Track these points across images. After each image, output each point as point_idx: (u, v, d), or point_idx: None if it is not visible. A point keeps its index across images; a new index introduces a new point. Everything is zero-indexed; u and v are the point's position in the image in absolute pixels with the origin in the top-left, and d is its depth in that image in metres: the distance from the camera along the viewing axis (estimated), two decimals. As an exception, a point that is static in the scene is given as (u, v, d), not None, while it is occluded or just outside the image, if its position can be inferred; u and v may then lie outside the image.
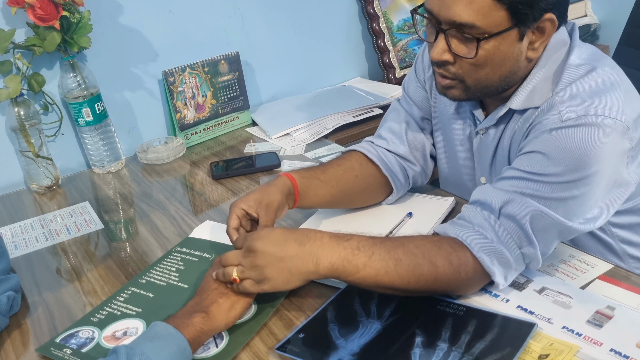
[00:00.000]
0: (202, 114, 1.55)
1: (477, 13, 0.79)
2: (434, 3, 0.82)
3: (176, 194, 1.30)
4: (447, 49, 0.84)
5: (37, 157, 1.33)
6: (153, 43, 1.50)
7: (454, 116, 1.04)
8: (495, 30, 0.80)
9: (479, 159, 1.01)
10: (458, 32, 0.82)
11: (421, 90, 1.10)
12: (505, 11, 0.79)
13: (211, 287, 0.82)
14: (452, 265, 0.79)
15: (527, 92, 0.88)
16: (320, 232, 0.81)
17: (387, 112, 1.15)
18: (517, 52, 0.84)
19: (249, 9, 1.62)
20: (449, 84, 0.88)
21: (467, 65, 0.84)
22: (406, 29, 1.85)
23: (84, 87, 1.36)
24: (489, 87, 0.88)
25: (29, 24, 1.28)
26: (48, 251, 1.12)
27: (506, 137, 0.94)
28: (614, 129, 0.80)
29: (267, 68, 1.71)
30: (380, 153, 1.07)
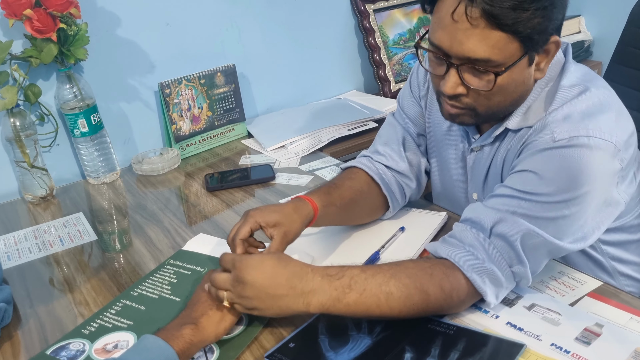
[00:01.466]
0: (197, 125, 1.56)
1: (493, 48, 0.79)
2: (443, 39, 0.81)
3: (170, 206, 1.30)
4: (460, 83, 0.84)
5: (32, 167, 1.34)
6: (150, 55, 1.51)
7: (447, 133, 1.05)
8: (510, 62, 0.81)
9: (472, 176, 1.02)
10: (471, 66, 0.82)
11: (416, 106, 1.10)
12: (517, 42, 0.79)
13: (201, 299, 0.82)
14: (444, 291, 0.79)
15: (523, 112, 0.90)
16: (312, 270, 0.79)
17: (383, 127, 1.15)
18: (527, 76, 0.85)
19: (246, 21, 1.63)
20: (458, 113, 0.89)
21: (480, 96, 0.85)
22: (402, 43, 1.87)
23: (80, 98, 1.37)
24: (499, 112, 0.89)
25: (26, 36, 1.29)
26: (41, 262, 1.12)
27: (500, 154, 0.95)
28: (605, 150, 0.81)
29: (263, 80, 1.72)
30: (380, 171, 1.07)
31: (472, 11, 0.77)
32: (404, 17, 1.88)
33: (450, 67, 0.83)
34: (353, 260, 0.96)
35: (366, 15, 1.80)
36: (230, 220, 1.20)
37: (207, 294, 0.82)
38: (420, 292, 0.78)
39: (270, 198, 1.27)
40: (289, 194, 1.27)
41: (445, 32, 0.81)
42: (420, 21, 1.90)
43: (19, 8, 1.21)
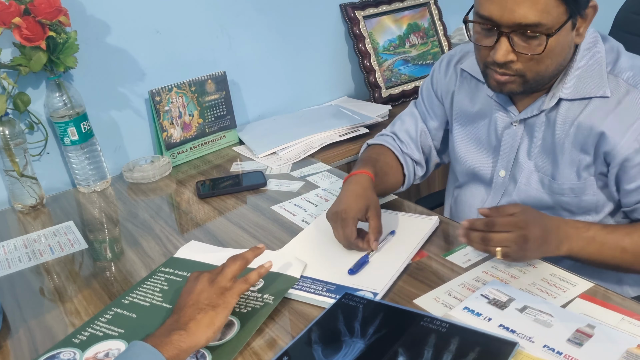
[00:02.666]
0: (188, 133, 1.56)
1: (542, 12, 0.85)
2: (493, 9, 0.87)
3: (162, 213, 1.30)
4: (511, 50, 0.90)
5: (22, 176, 1.33)
6: (140, 63, 1.51)
7: (477, 115, 1.11)
8: (558, 25, 0.87)
9: (504, 152, 1.07)
10: (521, 32, 0.87)
11: (437, 101, 1.20)
12: (564, 5, 0.86)
13: (188, 303, 0.81)
14: None
15: (573, 82, 0.96)
16: (565, 222, 0.94)
17: (405, 114, 1.25)
18: (570, 40, 0.92)
19: (236, 29, 1.63)
20: (508, 79, 0.94)
21: (530, 60, 0.90)
22: (392, 49, 1.88)
23: (69, 106, 1.36)
24: (545, 77, 0.95)
25: (15, 44, 1.29)
26: (31, 271, 1.11)
27: (559, 125, 0.99)
28: None
29: (254, 87, 1.72)
30: (403, 153, 1.21)
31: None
32: (394, 23, 1.89)
33: (500, 36, 0.88)
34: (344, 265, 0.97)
35: (356, 21, 1.81)
36: (222, 227, 1.19)
37: (192, 297, 0.81)
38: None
39: (262, 204, 1.27)
40: (280, 200, 1.27)
41: (494, 2, 0.87)
42: (409, 27, 1.91)
43: (7, 16, 1.21)
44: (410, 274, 0.95)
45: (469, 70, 1.11)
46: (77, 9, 1.37)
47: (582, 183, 0.99)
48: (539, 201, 1.05)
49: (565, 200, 1.02)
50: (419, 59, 1.92)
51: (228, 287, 0.83)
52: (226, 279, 0.84)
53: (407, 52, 1.90)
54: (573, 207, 1.02)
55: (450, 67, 1.17)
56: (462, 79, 1.14)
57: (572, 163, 0.99)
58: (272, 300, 0.90)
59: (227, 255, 1.03)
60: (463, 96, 1.14)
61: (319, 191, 1.29)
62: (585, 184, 0.99)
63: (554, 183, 1.02)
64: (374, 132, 1.60)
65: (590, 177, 0.99)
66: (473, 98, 1.12)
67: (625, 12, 1.33)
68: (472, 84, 1.12)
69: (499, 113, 1.07)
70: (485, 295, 0.87)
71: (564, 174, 1.00)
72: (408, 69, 1.90)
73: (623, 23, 1.32)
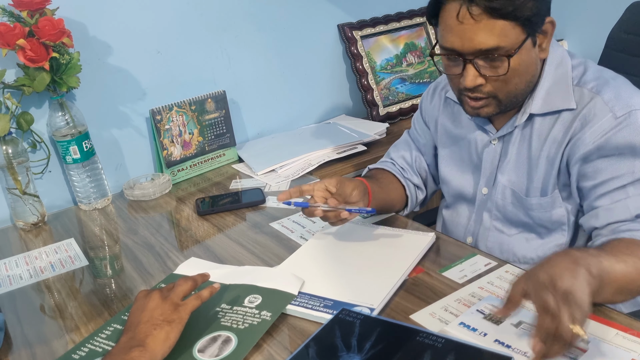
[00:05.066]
0: (188, 151, 1.58)
1: (499, 36, 0.90)
2: (454, 40, 0.92)
3: (162, 231, 1.31)
4: (478, 74, 0.94)
5: (24, 194, 1.34)
6: (141, 82, 1.53)
7: (459, 136, 1.14)
8: (517, 45, 0.91)
9: (485, 170, 1.10)
10: (484, 57, 0.92)
11: (425, 128, 1.24)
12: (519, 27, 0.90)
13: (142, 320, 0.82)
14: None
15: (543, 96, 0.99)
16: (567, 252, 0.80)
17: (400, 142, 1.30)
18: (534, 57, 0.96)
19: (236, 48, 1.66)
20: (483, 104, 0.98)
21: (498, 82, 0.95)
22: (389, 68, 1.90)
23: (72, 125, 1.39)
24: (517, 95, 0.98)
25: (19, 65, 1.31)
26: (32, 288, 1.12)
27: (535, 140, 1.02)
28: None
29: (253, 106, 1.74)
30: (404, 177, 1.24)
31: (473, 9, 0.89)
32: (391, 43, 1.92)
33: (466, 63, 0.93)
34: (342, 281, 0.98)
35: (354, 41, 1.84)
36: (222, 243, 1.21)
37: (145, 314, 0.82)
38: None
39: (260, 221, 1.28)
40: (279, 217, 1.28)
41: (454, 34, 0.92)
42: (406, 47, 1.94)
43: (12, 38, 1.24)
44: (406, 290, 0.97)
45: (453, 97, 1.15)
46: (80, 30, 1.40)
47: (550, 198, 1.03)
48: (514, 216, 1.09)
49: (537, 215, 1.05)
50: (415, 77, 1.95)
51: (181, 304, 0.85)
52: (178, 296, 0.86)
53: (404, 71, 1.93)
54: (546, 222, 1.05)
55: (435, 94, 1.22)
56: (446, 104, 1.19)
57: (545, 177, 1.02)
58: (270, 317, 0.91)
59: (226, 272, 1.05)
60: (446, 119, 1.18)
61: (317, 208, 1.31)
62: (552, 198, 1.02)
63: (524, 199, 1.05)
64: (371, 150, 1.63)
65: (555, 190, 1.02)
66: (455, 121, 1.16)
67: (617, 32, 1.36)
68: (455, 108, 1.16)
69: (478, 132, 1.11)
70: (481, 310, 0.88)
71: (536, 189, 1.04)
72: (405, 87, 1.93)
73: (616, 42, 1.35)
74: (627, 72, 1.30)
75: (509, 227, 1.11)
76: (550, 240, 1.07)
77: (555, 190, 1.02)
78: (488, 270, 0.99)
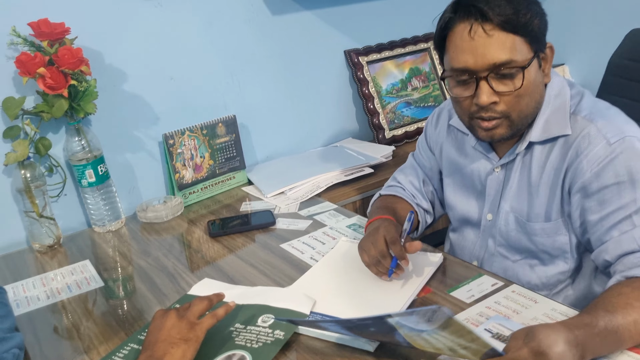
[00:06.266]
0: (200, 174, 1.62)
1: (511, 50, 0.93)
2: (467, 58, 0.94)
3: (174, 252, 1.34)
4: (492, 92, 0.96)
5: (41, 217, 1.38)
6: (154, 108, 1.58)
7: (463, 164, 1.17)
8: (528, 60, 0.95)
9: (489, 197, 1.13)
10: (497, 73, 0.94)
11: (430, 153, 1.27)
12: (527, 44, 0.94)
13: (160, 338, 0.85)
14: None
15: (542, 125, 1.02)
16: (577, 328, 0.78)
17: (407, 167, 1.33)
18: (540, 78, 1.00)
19: (246, 75, 1.71)
20: (496, 124, 0.99)
21: (511, 99, 0.97)
22: (394, 92, 1.95)
23: (87, 150, 1.43)
24: (528, 116, 1.00)
25: (38, 92, 1.36)
26: (49, 309, 1.15)
27: (535, 167, 1.04)
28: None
29: (263, 130, 1.79)
30: (414, 202, 1.27)
31: (485, 25, 0.92)
32: (396, 68, 1.97)
33: (479, 81, 0.95)
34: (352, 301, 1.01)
35: (360, 67, 1.89)
36: (233, 264, 1.23)
37: (162, 332, 0.85)
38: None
39: (271, 243, 1.31)
40: (289, 238, 1.31)
41: (466, 53, 0.94)
42: (411, 71, 1.99)
43: (33, 67, 1.28)
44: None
45: (456, 125, 1.18)
46: (96, 57, 1.45)
47: (554, 223, 1.04)
48: (518, 242, 1.10)
49: (540, 240, 1.07)
50: (420, 101, 1.99)
51: (197, 322, 0.88)
52: (194, 315, 0.89)
53: (409, 95, 1.98)
54: (549, 248, 1.07)
55: (440, 121, 1.25)
56: (449, 131, 1.22)
57: (548, 204, 1.04)
58: (283, 336, 0.94)
59: (239, 292, 1.08)
60: (450, 147, 1.21)
61: (326, 230, 1.34)
62: (556, 224, 1.04)
63: (527, 224, 1.07)
64: (378, 172, 1.67)
65: (560, 217, 1.03)
66: (459, 148, 1.19)
67: (618, 58, 1.40)
68: (459, 135, 1.19)
69: (481, 160, 1.13)
70: (489, 329, 0.90)
71: (538, 215, 1.05)
72: (410, 111, 1.97)
73: (616, 68, 1.39)
74: (628, 97, 1.34)
75: (513, 253, 1.13)
76: (554, 267, 1.08)
77: (560, 217, 1.04)
78: (495, 290, 1.02)
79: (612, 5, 1.97)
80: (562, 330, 0.77)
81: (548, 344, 0.74)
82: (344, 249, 1.20)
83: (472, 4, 0.94)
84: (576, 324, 0.79)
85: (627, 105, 1.31)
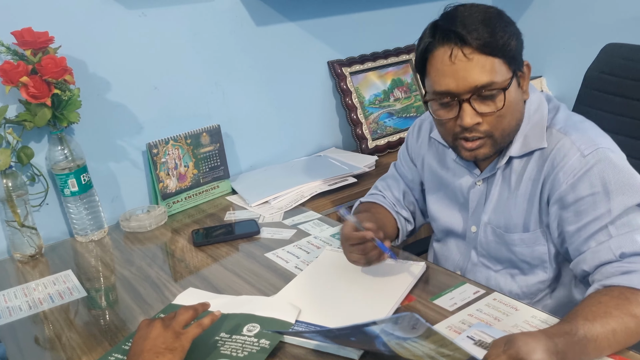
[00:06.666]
0: (184, 183, 1.62)
1: (491, 72, 0.96)
2: (449, 82, 0.97)
3: (158, 261, 1.34)
4: (475, 113, 0.98)
5: (23, 226, 1.37)
6: (138, 117, 1.58)
7: (446, 177, 1.19)
8: (507, 80, 0.98)
9: (473, 210, 1.15)
10: (479, 95, 0.97)
11: (412, 164, 1.29)
12: (506, 65, 0.97)
13: (145, 348, 0.85)
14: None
15: (521, 140, 1.05)
16: (556, 336, 0.80)
17: (388, 177, 1.35)
18: (520, 96, 1.03)
19: (230, 84, 1.72)
20: (480, 144, 1.02)
21: (493, 119, 0.99)
22: (377, 103, 1.97)
23: (70, 159, 1.42)
24: (510, 133, 1.03)
25: (21, 101, 1.35)
26: (32, 320, 1.14)
27: (513, 179, 1.08)
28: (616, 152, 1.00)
29: (247, 139, 1.79)
30: (394, 210, 1.29)
31: (465, 49, 0.95)
32: (379, 79, 2.00)
33: (462, 103, 0.98)
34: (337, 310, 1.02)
35: (343, 77, 1.91)
36: (218, 274, 1.24)
37: (147, 343, 0.85)
38: (631, 317, 0.84)
39: (255, 252, 1.32)
40: (273, 247, 1.32)
41: (447, 77, 0.97)
42: (393, 82, 2.02)
43: (15, 76, 1.28)
44: (399, 318, 1.00)
45: (437, 138, 1.21)
46: (80, 66, 1.45)
47: (532, 234, 1.07)
48: (498, 252, 1.13)
49: (520, 250, 1.09)
50: (403, 112, 2.02)
51: (182, 332, 0.88)
52: (180, 325, 0.89)
53: (392, 106, 2.01)
54: (528, 257, 1.09)
55: (421, 133, 1.27)
56: (430, 144, 1.24)
57: (526, 215, 1.07)
58: (269, 345, 0.94)
59: (224, 302, 1.08)
60: (432, 159, 1.23)
61: (310, 239, 1.35)
62: (534, 235, 1.07)
63: (505, 235, 1.10)
64: (361, 182, 1.68)
65: (538, 228, 1.06)
66: (440, 161, 1.21)
67: (593, 71, 1.44)
68: (440, 148, 1.21)
69: (463, 174, 1.16)
70: (471, 336, 0.92)
71: (517, 226, 1.08)
72: (393, 121, 2.00)
73: (592, 81, 1.42)
74: (604, 110, 1.38)
75: (495, 263, 1.15)
76: (534, 277, 1.11)
77: (538, 228, 1.06)
78: (477, 298, 1.04)
79: (588, 20, 2.03)
80: (541, 338, 0.78)
81: (526, 351, 0.76)
82: (328, 258, 1.21)
83: (450, 28, 0.96)
84: (556, 332, 0.81)
85: (603, 117, 1.35)
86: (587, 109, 1.41)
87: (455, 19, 0.97)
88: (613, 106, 1.36)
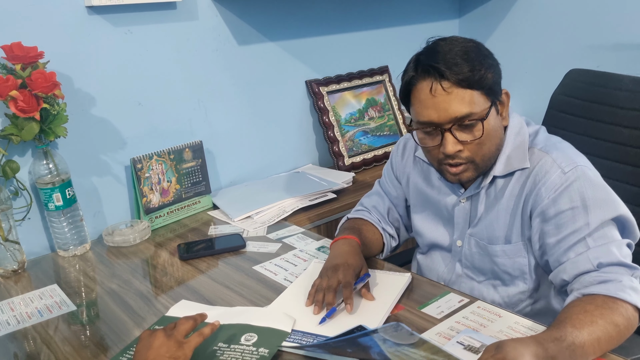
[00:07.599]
0: (166, 198, 1.63)
1: (470, 103, 1.03)
2: (431, 113, 1.04)
3: (146, 275, 1.35)
4: (457, 141, 1.05)
5: (6, 241, 1.35)
6: (122, 132, 1.59)
7: (431, 194, 1.26)
8: (486, 111, 1.05)
9: (458, 225, 1.21)
10: (459, 125, 1.04)
11: (396, 182, 1.35)
12: (484, 96, 1.05)
13: (149, 357, 0.87)
14: (625, 317, 0.92)
15: (504, 160, 1.12)
16: (545, 341, 0.86)
17: (373, 193, 1.40)
18: (499, 123, 1.10)
19: (212, 102, 1.76)
20: (463, 169, 1.09)
21: (473, 146, 1.06)
22: (352, 121, 2.04)
23: (55, 173, 1.42)
24: (491, 158, 1.11)
25: (7, 115, 1.35)
26: (21, 334, 1.13)
27: (499, 197, 1.14)
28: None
29: (227, 155, 1.83)
30: (380, 226, 1.34)
31: (444, 83, 1.02)
32: (354, 98, 2.07)
33: (444, 132, 1.05)
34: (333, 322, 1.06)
35: (320, 96, 1.97)
36: (208, 287, 1.26)
37: (150, 352, 0.87)
38: (613, 326, 0.91)
39: (243, 265, 1.34)
40: (260, 260, 1.35)
41: (429, 108, 1.04)
42: (368, 102, 2.09)
43: (4, 89, 1.28)
44: (390, 326, 1.05)
45: (422, 157, 1.27)
46: (66, 82, 1.45)
47: (514, 246, 1.14)
48: (482, 264, 1.20)
49: (501, 261, 1.16)
50: (377, 130, 2.10)
51: (185, 341, 0.91)
52: (181, 334, 0.92)
53: (367, 124, 2.08)
54: (509, 268, 1.16)
55: (406, 151, 1.33)
56: (415, 162, 1.31)
57: (508, 228, 1.14)
58: (268, 353, 0.97)
59: (219, 313, 1.10)
60: (417, 177, 1.30)
61: (296, 252, 1.39)
62: (516, 247, 1.14)
63: (488, 247, 1.17)
64: (340, 197, 1.74)
65: (519, 241, 1.13)
66: (426, 179, 1.28)
67: (559, 95, 1.54)
68: (424, 166, 1.28)
69: (448, 192, 1.23)
70: (460, 342, 0.98)
71: (499, 238, 1.15)
72: (368, 139, 2.07)
73: (558, 104, 1.53)
74: (569, 130, 1.48)
75: (478, 275, 1.22)
76: (514, 288, 1.17)
77: (520, 240, 1.13)
78: (462, 306, 1.10)
79: (549, 47, 2.16)
80: (530, 344, 0.84)
81: (514, 356, 0.81)
82: (317, 269, 1.25)
83: (431, 64, 1.04)
84: (546, 338, 0.87)
85: (568, 137, 1.43)
86: (554, 129, 1.50)
87: (436, 54, 1.04)
88: (577, 127, 1.46)
